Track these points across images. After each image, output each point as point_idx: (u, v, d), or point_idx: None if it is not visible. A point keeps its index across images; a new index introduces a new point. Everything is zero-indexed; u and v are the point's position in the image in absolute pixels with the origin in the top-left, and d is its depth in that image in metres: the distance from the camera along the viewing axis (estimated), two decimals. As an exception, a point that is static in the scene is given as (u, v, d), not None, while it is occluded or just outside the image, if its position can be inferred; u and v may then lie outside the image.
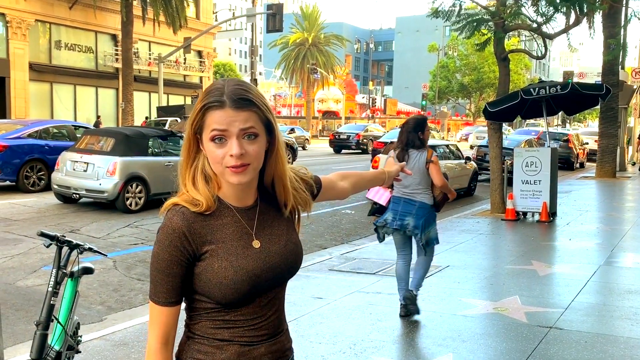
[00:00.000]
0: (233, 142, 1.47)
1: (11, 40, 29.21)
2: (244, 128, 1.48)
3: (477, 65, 61.15)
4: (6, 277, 6.45)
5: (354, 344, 4.74)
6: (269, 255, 1.59)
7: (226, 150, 1.48)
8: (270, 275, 1.58)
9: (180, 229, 1.51)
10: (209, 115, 1.49)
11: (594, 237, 9.67)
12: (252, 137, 1.50)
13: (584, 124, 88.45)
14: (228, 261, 1.53)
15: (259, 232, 1.61)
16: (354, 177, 2.12)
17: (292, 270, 1.66)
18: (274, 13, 28.37)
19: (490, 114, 11.54)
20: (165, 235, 1.52)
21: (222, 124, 1.48)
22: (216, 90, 1.51)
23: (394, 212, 5.52)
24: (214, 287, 1.52)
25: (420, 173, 5.38)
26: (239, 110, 1.48)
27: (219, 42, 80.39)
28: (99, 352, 4.48)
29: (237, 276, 1.52)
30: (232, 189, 1.58)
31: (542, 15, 11.83)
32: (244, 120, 1.48)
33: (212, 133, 1.48)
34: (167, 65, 35.57)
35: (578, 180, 19.81)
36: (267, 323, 1.61)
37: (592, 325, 5.29)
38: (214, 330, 1.57)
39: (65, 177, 11.45)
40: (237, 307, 1.56)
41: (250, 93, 1.52)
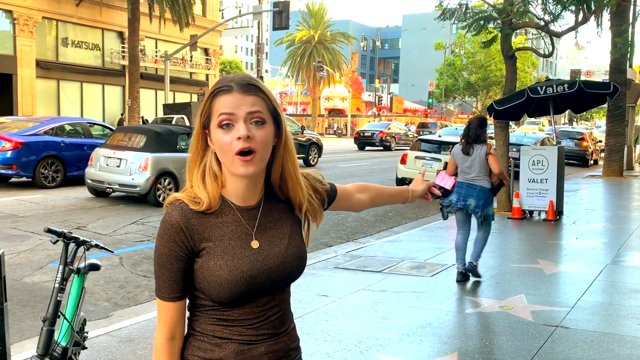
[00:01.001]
0: (240, 125, 1.48)
1: (18, 37, 29.30)
2: (251, 112, 1.49)
3: (484, 63, 60.93)
4: (13, 274, 6.48)
5: (359, 341, 4.74)
6: (267, 257, 1.57)
7: (233, 134, 1.48)
8: (267, 278, 1.56)
9: (178, 224, 1.51)
10: (217, 100, 1.51)
11: (601, 236, 9.63)
12: (259, 122, 1.50)
13: (591, 122, 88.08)
14: (224, 260, 1.52)
15: (259, 233, 1.59)
16: (373, 192, 2.05)
17: (292, 275, 1.63)
18: (280, 10, 28.36)
19: (497, 112, 11.51)
20: (164, 230, 1.53)
21: (229, 107, 1.49)
22: (225, 79, 1.54)
23: (458, 194, 6.62)
24: (208, 285, 1.52)
25: (481, 163, 6.55)
26: (246, 94, 1.50)
27: (225, 40, 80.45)
28: (105, 348, 4.50)
29: (232, 276, 1.51)
30: (237, 187, 1.57)
31: (550, 14, 11.78)
32: (251, 104, 1.49)
33: (219, 118, 1.49)
34: (174, 62, 35.63)
35: (585, 179, 19.74)
36: (267, 323, 1.59)
37: (598, 325, 5.27)
38: (213, 327, 1.57)
39: (98, 172, 11.96)
40: (233, 307, 1.56)
41: (257, 81, 1.55)
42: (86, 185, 12.52)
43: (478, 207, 6.54)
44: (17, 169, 13.38)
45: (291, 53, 63.60)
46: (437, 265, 7.36)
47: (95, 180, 12.07)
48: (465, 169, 6.61)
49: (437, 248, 8.38)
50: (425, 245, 8.65)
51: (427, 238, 9.27)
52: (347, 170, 20.77)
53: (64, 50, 32.16)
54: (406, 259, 7.68)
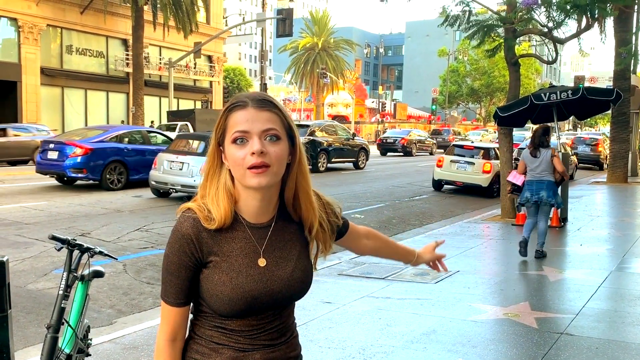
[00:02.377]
0: (254, 141, 1.48)
1: (23, 45, 29.45)
2: (265, 129, 1.49)
3: (488, 70, 61.00)
4: (17, 280, 6.48)
5: (363, 349, 4.73)
6: (271, 279, 1.57)
7: (247, 150, 1.48)
8: (269, 299, 1.57)
9: (189, 236, 1.53)
10: (231, 116, 1.52)
11: (605, 243, 9.60)
12: (273, 138, 1.50)
13: (596, 128, 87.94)
14: (228, 276, 1.53)
15: (267, 253, 1.59)
16: (380, 242, 2.04)
17: (295, 297, 1.64)
18: (284, 18, 28.46)
19: (501, 118, 11.50)
20: (175, 239, 1.55)
21: (243, 124, 1.49)
22: (240, 95, 1.56)
23: (530, 191, 8.25)
24: (210, 297, 1.55)
25: (547, 163, 8.14)
26: (260, 110, 1.50)
27: (229, 47, 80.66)
28: (108, 356, 4.50)
29: (233, 293, 1.52)
30: (250, 203, 1.57)
31: (553, 21, 11.78)
32: (266, 120, 1.50)
33: (234, 135, 1.49)
34: (178, 69, 35.74)
35: (589, 186, 19.69)
36: (264, 334, 1.60)
37: (603, 332, 5.25)
38: (211, 332, 1.60)
39: (162, 175, 13.38)
40: (233, 318, 1.58)
41: (272, 99, 1.56)
42: (150, 187, 13.95)
43: (550, 197, 8.14)
44: (87, 173, 14.69)
45: (295, 60, 63.75)
46: (441, 272, 7.33)
47: (160, 182, 13.44)
48: (534, 168, 8.21)
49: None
50: (429, 252, 8.62)
51: (431, 245, 9.24)
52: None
53: (68, 58, 32.29)
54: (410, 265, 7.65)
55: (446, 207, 13.96)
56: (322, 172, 21.43)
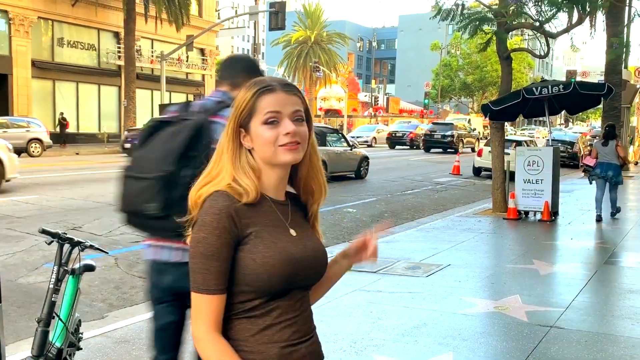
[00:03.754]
0: (287, 122, 1.58)
1: (14, 37, 29.25)
2: (295, 110, 1.60)
3: (480, 64, 61.08)
4: (8, 274, 6.46)
5: (354, 342, 4.75)
6: (305, 247, 1.63)
7: (279, 130, 1.57)
8: (309, 263, 1.62)
9: (227, 209, 1.53)
10: (262, 99, 1.59)
11: (596, 237, 9.67)
12: (300, 120, 1.61)
13: (587, 122, 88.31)
14: (273, 242, 1.56)
15: (293, 226, 1.66)
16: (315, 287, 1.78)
17: (322, 271, 1.69)
18: (276, 11, 28.37)
19: (492, 112, 11.53)
20: (212, 217, 1.51)
21: (276, 106, 1.58)
22: (263, 80, 1.64)
23: (600, 169, 11.08)
24: (258, 267, 1.51)
25: (613, 151, 11.02)
26: (289, 94, 1.61)
27: (222, 40, 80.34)
28: (100, 349, 4.50)
29: (282, 256, 1.54)
30: (271, 179, 1.64)
31: (544, 14, 11.81)
32: (295, 103, 1.61)
33: (266, 116, 1.57)
34: (170, 63, 35.59)
35: (580, 180, 19.77)
36: (302, 319, 1.63)
37: (592, 325, 5.29)
38: (251, 330, 1.55)
39: None
40: (272, 299, 1.55)
41: (293, 84, 1.67)
42: None
43: (614, 176, 11.01)
44: None
45: (287, 53, 63.61)
46: (433, 265, 7.37)
47: None
48: (604, 154, 11.07)
49: (432, 248, 8.39)
50: (420, 245, 8.66)
51: (423, 239, 9.28)
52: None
53: (59, 51, 32.11)
54: (401, 259, 7.68)
55: (438, 201, 14.00)
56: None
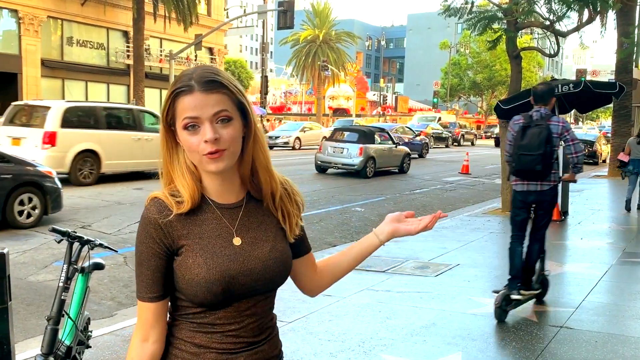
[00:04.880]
0: (206, 128, 1.43)
1: (23, 36, 29.38)
2: (215, 112, 1.43)
3: (489, 63, 60.85)
4: (17, 272, 6.49)
5: (363, 341, 4.74)
6: (248, 258, 1.51)
7: (200, 137, 1.43)
8: (247, 279, 1.49)
9: (156, 221, 1.48)
10: (179, 102, 1.45)
11: (606, 237, 9.61)
12: (225, 120, 1.44)
13: (597, 122, 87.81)
14: (203, 258, 1.47)
15: (241, 233, 1.53)
16: (332, 264, 1.78)
17: (274, 280, 1.55)
18: (285, 10, 28.35)
19: (502, 111, 11.46)
20: (142, 227, 1.50)
21: (192, 110, 1.43)
22: (184, 76, 1.48)
23: (633, 165, 12.24)
24: (187, 284, 1.47)
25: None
26: (208, 94, 1.44)
27: (230, 39, 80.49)
28: (109, 347, 4.51)
29: (210, 275, 1.45)
30: (213, 182, 1.53)
31: (555, 13, 11.74)
32: (215, 104, 1.44)
33: (184, 121, 1.44)
34: (178, 62, 35.63)
35: (590, 179, 19.67)
36: (246, 331, 1.53)
37: (602, 325, 5.26)
38: (192, 334, 1.52)
39: (327, 157, 18.93)
40: (212, 309, 1.50)
41: (219, 75, 1.47)
42: (315, 165, 19.26)
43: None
44: None
45: (296, 52, 63.57)
46: (442, 265, 7.34)
47: (325, 162, 18.99)
48: (637, 152, 12.19)
49: (441, 248, 8.36)
50: (429, 245, 8.63)
51: (432, 238, 9.25)
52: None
53: (69, 50, 32.23)
54: (410, 259, 7.67)
55: (447, 201, 13.96)
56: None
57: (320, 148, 19.40)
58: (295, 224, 1.62)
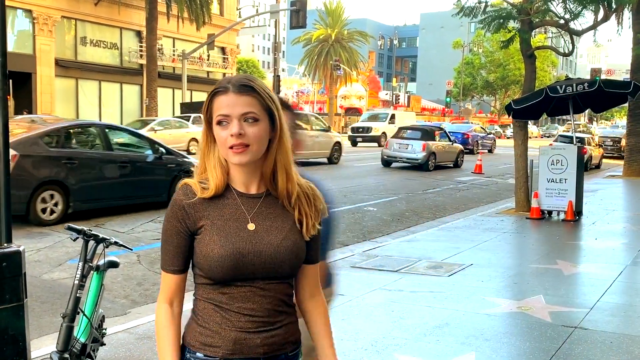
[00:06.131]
0: (234, 123, 1.63)
1: (37, 36, 29.61)
2: (244, 112, 1.64)
3: (503, 62, 60.54)
4: (32, 270, 6.54)
5: (375, 341, 4.73)
6: (260, 241, 1.67)
7: (228, 131, 1.64)
8: (257, 260, 1.65)
9: (181, 203, 1.69)
10: (216, 100, 1.67)
11: (621, 237, 9.52)
12: (251, 120, 1.64)
13: (612, 121, 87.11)
14: (218, 236, 1.65)
15: (256, 220, 1.70)
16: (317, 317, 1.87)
17: (285, 267, 1.69)
18: (297, 9, 28.37)
19: (515, 111, 11.42)
20: (169, 208, 1.71)
21: (225, 108, 1.64)
22: (224, 80, 1.71)
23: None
24: (203, 259, 1.65)
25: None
26: (240, 95, 1.65)
27: (242, 39, 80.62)
28: (123, 345, 4.53)
29: (223, 251, 1.63)
30: (239, 174, 1.71)
31: (570, 12, 11.66)
32: (245, 104, 1.64)
33: (217, 117, 1.66)
34: (191, 61, 35.78)
35: (605, 179, 19.52)
36: (261, 311, 1.67)
37: (617, 326, 5.21)
38: (213, 312, 1.68)
39: (393, 152, 21.20)
40: (226, 285, 1.66)
41: (253, 82, 1.69)
42: (381, 160, 21.48)
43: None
44: None
45: (308, 52, 63.57)
46: (455, 265, 7.32)
47: (390, 157, 21.28)
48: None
49: (454, 248, 8.33)
50: (442, 245, 8.60)
51: (445, 238, 9.22)
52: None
53: (82, 49, 32.43)
54: (423, 258, 7.64)
55: (460, 200, 13.91)
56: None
57: (386, 144, 22.09)
58: (312, 225, 1.75)
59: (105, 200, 10.11)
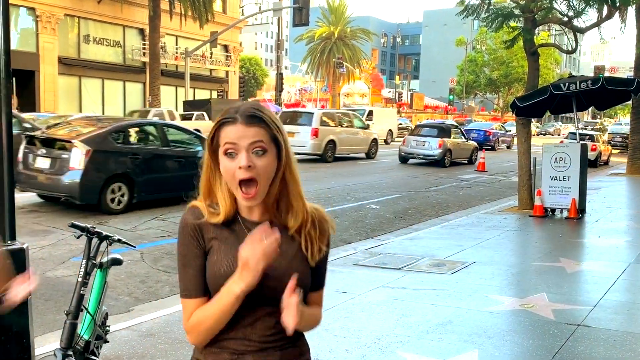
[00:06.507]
0: (242, 155, 1.59)
1: (41, 34, 29.65)
2: (252, 142, 1.59)
3: (506, 60, 60.41)
4: (35, 268, 6.55)
5: (378, 338, 4.73)
6: None
7: (236, 163, 1.59)
8: (260, 282, 1.57)
9: (192, 224, 1.66)
10: (223, 130, 1.62)
11: (624, 235, 9.51)
12: (260, 152, 1.60)
13: (615, 119, 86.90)
14: (224, 256, 1.63)
15: None
16: None
17: (269, 292, 1.62)
18: (300, 7, 28.33)
19: (519, 109, 11.40)
20: (181, 231, 1.68)
21: (233, 138, 1.60)
22: (232, 109, 1.65)
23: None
24: (210, 278, 1.63)
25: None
26: (249, 126, 1.60)
27: (245, 37, 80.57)
28: (126, 342, 4.54)
29: (229, 270, 1.59)
30: (243, 205, 1.67)
31: (573, 9, 11.63)
32: (253, 135, 1.59)
33: (224, 147, 1.61)
34: (194, 59, 35.79)
35: (608, 177, 19.49)
36: (256, 332, 1.64)
37: (620, 324, 5.20)
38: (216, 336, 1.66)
39: (410, 149, 22.07)
40: None
41: (262, 112, 1.64)
42: (398, 156, 22.46)
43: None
44: None
45: (311, 49, 63.53)
46: (458, 262, 7.32)
47: (408, 153, 22.11)
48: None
49: (457, 245, 8.33)
50: (445, 242, 8.60)
51: (448, 235, 9.22)
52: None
53: (85, 47, 32.47)
54: (426, 256, 7.64)
55: (462, 198, 13.90)
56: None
57: (403, 141, 22.76)
58: (318, 250, 1.72)
59: (164, 191, 10.68)
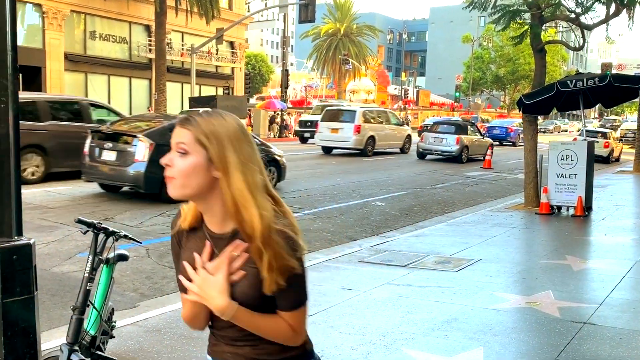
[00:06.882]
0: (168, 154, 1.66)
1: (47, 30, 29.71)
2: (176, 143, 1.63)
3: (512, 57, 60.24)
4: (42, 264, 6.58)
5: (383, 335, 4.73)
6: None
7: None
8: None
9: (173, 230, 1.79)
10: None
11: (631, 233, 9.47)
12: (180, 153, 1.62)
13: (622, 116, 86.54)
14: (184, 270, 1.70)
15: None
16: None
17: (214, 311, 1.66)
18: (306, 4, 28.31)
19: (526, 106, 11.35)
20: (171, 235, 1.81)
21: (171, 139, 1.67)
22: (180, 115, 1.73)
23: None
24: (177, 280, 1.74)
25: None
26: (180, 127, 1.64)
27: (251, 33, 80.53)
28: (132, 338, 4.56)
29: (184, 275, 1.69)
30: (201, 209, 1.70)
31: (581, 6, 11.57)
32: (178, 136, 1.63)
33: None
34: (200, 56, 35.81)
35: (615, 175, 19.41)
36: (225, 330, 1.73)
37: (627, 322, 5.19)
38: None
39: (428, 145, 22.72)
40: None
41: (196, 116, 1.63)
42: (416, 152, 23.23)
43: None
44: None
45: (317, 46, 63.53)
46: (463, 260, 7.30)
47: (426, 150, 22.81)
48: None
49: (463, 243, 8.32)
50: (451, 240, 8.59)
51: (453, 233, 9.20)
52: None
53: (91, 44, 32.52)
54: (432, 253, 7.63)
55: (468, 195, 13.87)
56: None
57: (422, 138, 23.53)
58: (273, 281, 1.58)
59: None
